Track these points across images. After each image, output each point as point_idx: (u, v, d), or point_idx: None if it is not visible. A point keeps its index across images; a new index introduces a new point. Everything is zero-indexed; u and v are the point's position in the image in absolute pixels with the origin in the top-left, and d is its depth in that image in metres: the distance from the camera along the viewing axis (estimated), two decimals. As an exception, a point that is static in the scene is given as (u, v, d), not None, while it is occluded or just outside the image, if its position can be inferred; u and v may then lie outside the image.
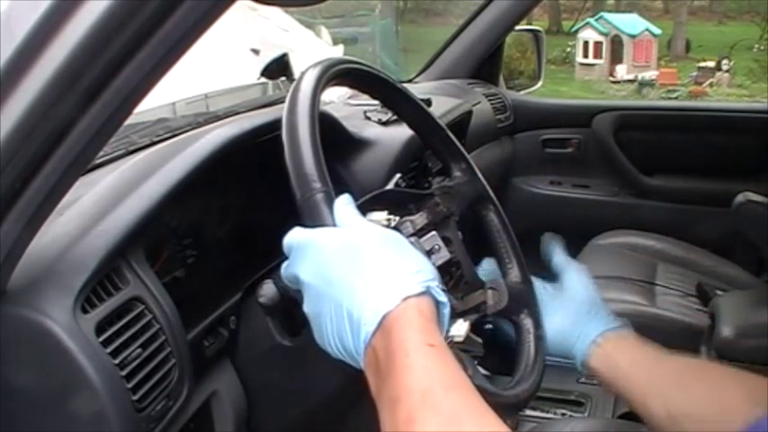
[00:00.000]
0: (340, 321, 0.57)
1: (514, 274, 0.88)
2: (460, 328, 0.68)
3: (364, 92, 0.89)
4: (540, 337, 0.83)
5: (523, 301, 0.84)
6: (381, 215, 0.72)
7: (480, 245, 0.90)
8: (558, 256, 0.89)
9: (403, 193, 0.84)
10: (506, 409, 0.76)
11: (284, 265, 0.65)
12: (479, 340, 0.75)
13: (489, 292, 0.82)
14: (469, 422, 0.50)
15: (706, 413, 0.73)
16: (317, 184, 0.65)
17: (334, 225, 0.64)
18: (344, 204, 0.65)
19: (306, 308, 0.62)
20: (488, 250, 0.91)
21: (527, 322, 0.83)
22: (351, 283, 0.57)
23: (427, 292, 0.57)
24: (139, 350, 0.73)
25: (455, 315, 0.77)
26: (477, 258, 0.89)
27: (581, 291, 0.85)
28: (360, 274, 0.57)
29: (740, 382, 0.74)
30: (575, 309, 0.84)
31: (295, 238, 0.63)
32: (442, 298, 0.59)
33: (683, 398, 0.76)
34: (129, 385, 0.71)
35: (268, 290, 0.84)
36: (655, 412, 0.76)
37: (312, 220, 0.64)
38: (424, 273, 0.58)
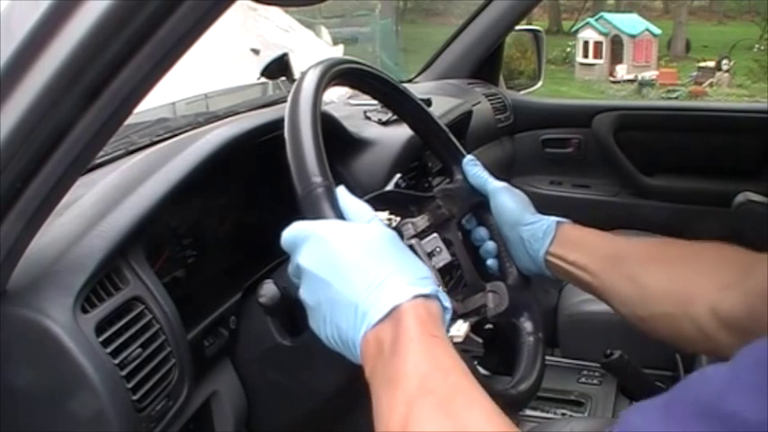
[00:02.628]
0: (342, 311, 0.58)
1: (515, 276, 0.88)
2: (460, 329, 0.69)
3: (365, 92, 0.89)
4: (540, 340, 0.83)
5: (523, 304, 0.85)
6: (383, 215, 0.72)
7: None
8: (480, 178, 0.89)
9: (404, 195, 0.84)
10: (507, 407, 0.76)
11: (289, 263, 0.65)
12: (479, 340, 0.75)
13: (490, 295, 0.82)
14: (462, 401, 0.52)
15: (672, 286, 0.76)
16: (318, 179, 0.65)
17: (338, 217, 0.64)
18: (347, 193, 0.66)
19: (303, 295, 0.62)
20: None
21: (527, 325, 0.84)
22: (358, 274, 0.58)
23: (435, 296, 0.59)
24: (139, 350, 0.73)
25: (456, 317, 0.77)
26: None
27: (511, 204, 0.87)
28: (368, 267, 0.58)
29: (706, 266, 0.76)
30: (516, 218, 0.86)
31: (296, 229, 0.63)
32: (447, 303, 0.60)
33: (653, 270, 0.78)
34: (129, 385, 0.71)
35: (268, 290, 0.84)
36: (620, 283, 0.80)
37: (313, 213, 0.64)
38: (431, 279, 0.60)
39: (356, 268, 0.58)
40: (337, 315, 0.58)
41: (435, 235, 0.81)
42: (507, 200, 0.88)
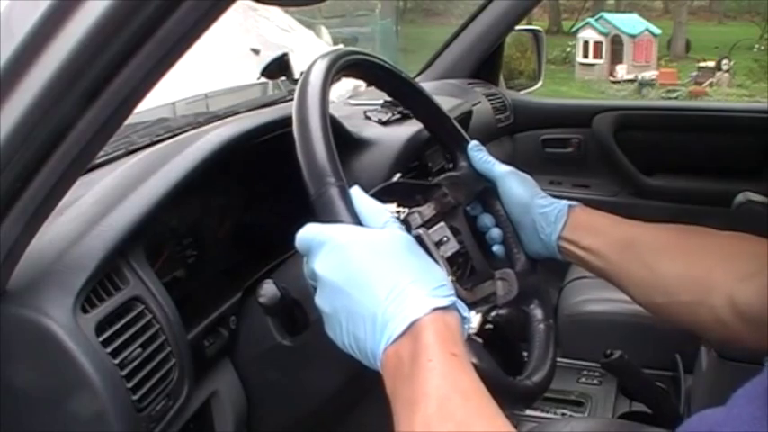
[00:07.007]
0: (360, 320, 0.57)
1: (523, 263, 0.87)
2: (473, 320, 0.68)
3: (372, 83, 0.87)
4: (551, 326, 0.82)
5: (533, 291, 0.84)
6: (391, 207, 0.71)
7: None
8: (486, 163, 0.89)
9: (410, 185, 0.84)
10: (523, 399, 0.75)
11: (305, 264, 0.64)
12: (480, 340, 0.75)
13: (499, 282, 0.81)
14: (480, 427, 0.51)
15: (690, 274, 0.76)
16: (332, 179, 0.64)
17: (353, 220, 0.63)
18: (362, 194, 0.65)
19: (320, 302, 0.61)
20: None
21: (537, 312, 0.83)
22: (376, 283, 0.57)
23: (453, 306, 0.58)
24: (139, 350, 0.74)
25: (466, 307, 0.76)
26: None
27: (520, 188, 0.87)
28: (386, 276, 0.57)
29: (725, 255, 0.76)
30: (527, 202, 0.86)
31: (311, 233, 0.61)
32: (466, 313, 0.60)
33: (670, 257, 0.78)
34: (130, 385, 0.71)
35: (268, 290, 0.84)
36: (635, 269, 0.79)
37: (327, 215, 0.63)
38: (448, 287, 0.59)
39: (374, 277, 0.57)
40: (355, 324, 0.58)
41: (442, 224, 0.81)
42: (516, 184, 0.87)
